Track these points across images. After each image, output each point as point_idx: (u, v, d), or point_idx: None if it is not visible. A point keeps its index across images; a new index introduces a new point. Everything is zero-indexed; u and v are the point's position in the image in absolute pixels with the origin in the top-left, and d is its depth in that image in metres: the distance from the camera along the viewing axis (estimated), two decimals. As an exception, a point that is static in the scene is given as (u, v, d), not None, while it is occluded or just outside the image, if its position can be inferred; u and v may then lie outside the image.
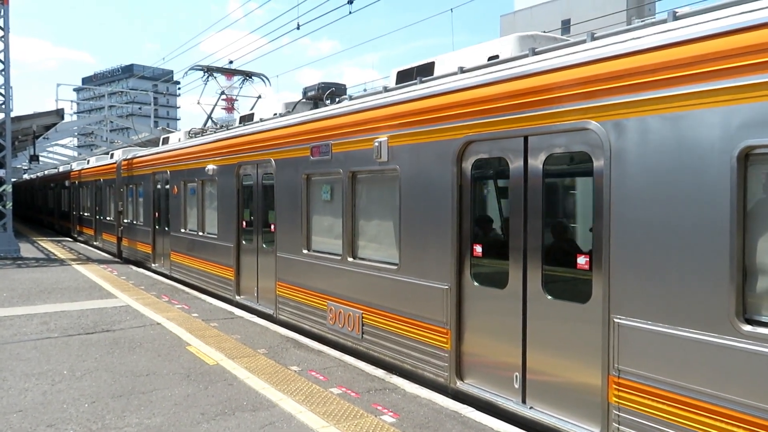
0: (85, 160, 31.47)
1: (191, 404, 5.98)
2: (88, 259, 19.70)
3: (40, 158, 40.03)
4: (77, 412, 5.77)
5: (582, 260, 5.00)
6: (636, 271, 4.50)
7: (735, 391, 3.89)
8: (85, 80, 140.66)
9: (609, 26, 5.23)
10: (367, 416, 5.65)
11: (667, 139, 4.31)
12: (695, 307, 4.12)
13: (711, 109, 4.06)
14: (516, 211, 5.59)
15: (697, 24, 4.20)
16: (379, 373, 7.04)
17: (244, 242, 11.31)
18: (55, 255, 20.81)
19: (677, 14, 4.59)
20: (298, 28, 18.30)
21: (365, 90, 8.06)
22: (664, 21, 4.63)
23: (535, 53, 5.68)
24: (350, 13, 16.21)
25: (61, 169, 37.40)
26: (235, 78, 17.48)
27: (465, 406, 5.90)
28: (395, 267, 7.06)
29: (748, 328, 3.85)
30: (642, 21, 5.08)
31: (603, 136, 4.72)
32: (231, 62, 23.87)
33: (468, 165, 6.13)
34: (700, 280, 4.10)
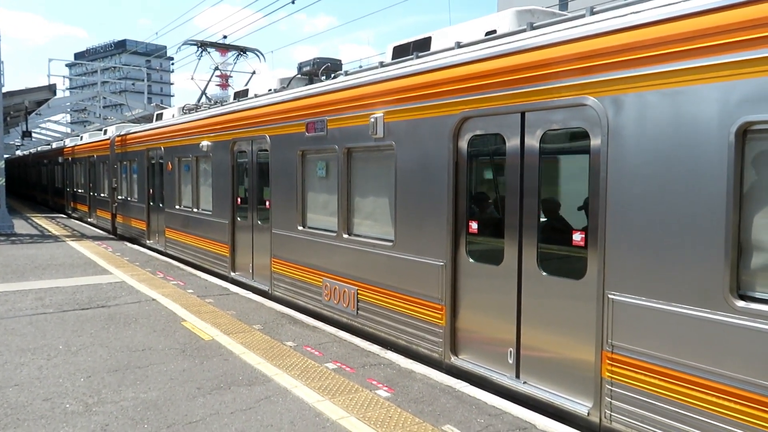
0: (78, 136, 31.23)
1: (187, 379, 6.00)
2: (82, 236, 19.64)
3: (33, 134, 39.67)
4: (73, 386, 5.79)
5: (577, 237, 5.00)
6: (631, 248, 4.50)
7: (728, 366, 3.93)
8: (77, 56, 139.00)
9: (604, 3, 5.15)
10: (362, 391, 5.69)
11: (665, 115, 4.28)
12: (690, 283, 4.14)
13: (710, 84, 4.02)
14: (512, 188, 5.57)
15: (696, -2, 4.15)
16: (374, 348, 7.08)
17: (239, 219, 11.28)
18: (50, 231, 20.73)
19: None
20: (293, 2, 18.03)
21: (361, 67, 7.98)
22: None
23: (533, 28, 5.62)
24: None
25: (54, 145, 37.10)
26: (230, 53, 17.28)
27: (459, 381, 5.94)
28: (390, 244, 7.06)
29: (741, 303, 3.87)
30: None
31: (600, 112, 4.69)
32: (225, 37, 23.55)
33: (464, 141, 6.09)
34: (696, 257, 4.10)
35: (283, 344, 7.22)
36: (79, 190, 26.34)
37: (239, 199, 11.27)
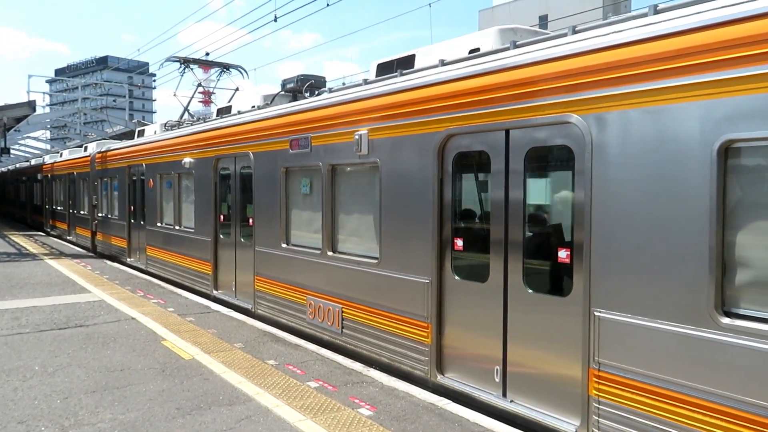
0: (58, 153, 30.86)
1: (166, 399, 5.90)
2: (61, 254, 19.33)
3: (12, 151, 39.06)
4: (49, 408, 5.64)
5: (563, 254, 5.00)
6: (617, 265, 4.51)
7: (714, 384, 3.92)
8: (58, 72, 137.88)
9: (585, 22, 5.22)
10: (344, 409, 5.64)
11: (649, 133, 4.32)
12: (675, 300, 4.14)
13: (692, 102, 4.07)
14: (497, 205, 5.57)
15: (678, 18, 4.22)
16: (357, 366, 7.02)
17: (221, 236, 11.17)
18: (27, 249, 20.38)
19: (658, 8, 4.60)
20: (275, 20, 18.03)
21: (344, 84, 8.03)
22: (644, 15, 4.63)
23: (516, 46, 5.67)
24: (328, 5, 16.04)
25: (33, 162, 36.65)
26: (213, 70, 17.25)
27: (441, 398, 5.91)
28: (375, 261, 7.01)
29: (727, 320, 3.88)
30: (623, 15, 5.08)
31: (584, 129, 4.72)
32: (207, 54, 23.51)
33: (449, 158, 6.10)
34: (681, 274, 4.12)
35: (265, 363, 7.13)
36: (59, 208, 25.98)
37: (222, 217, 11.17)
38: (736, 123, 3.85)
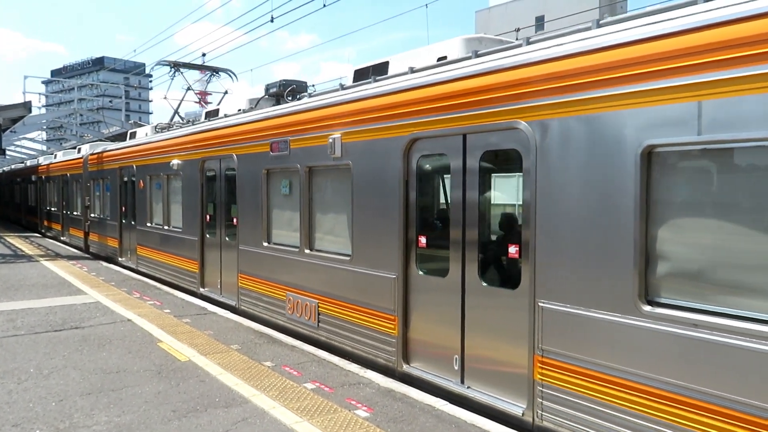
0: (52, 154, 31.14)
1: (162, 401, 5.88)
2: (56, 255, 19.48)
3: (7, 152, 39.29)
4: (44, 410, 5.64)
5: (513, 249, 5.40)
6: (557, 259, 4.91)
7: (640, 366, 4.32)
8: (54, 73, 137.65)
9: (582, 23, 5.49)
10: (341, 411, 5.65)
11: (583, 138, 4.70)
12: (605, 290, 4.55)
13: (620, 111, 4.46)
14: (456, 205, 5.96)
15: (608, 34, 4.59)
16: (354, 367, 7.07)
17: (207, 236, 11.54)
18: (23, 251, 20.54)
19: (600, 22, 4.96)
20: (271, 21, 18.21)
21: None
22: (588, 28, 4.99)
23: (477, 56, 6.00)
24: (324, 6, 16.26)
25: (28, 163, 36.91)
26: (207, 72, 17.62)
27: (438, 399, 5.97)
28: (348, 258, 7.40)
29: (648, 308, 4.29)
30: (571, 27, 5.43)
31: (530, 134, 5.10)
32: (204, 55, 23.83)
33: (414, 161, 6.47)
34: (610, 266, 4.52)
35: (262, 364, 7.14)
36: (53, 209, 26.26)
37: (208, 217, 11.53)
38: (656, 130, 4.24)
